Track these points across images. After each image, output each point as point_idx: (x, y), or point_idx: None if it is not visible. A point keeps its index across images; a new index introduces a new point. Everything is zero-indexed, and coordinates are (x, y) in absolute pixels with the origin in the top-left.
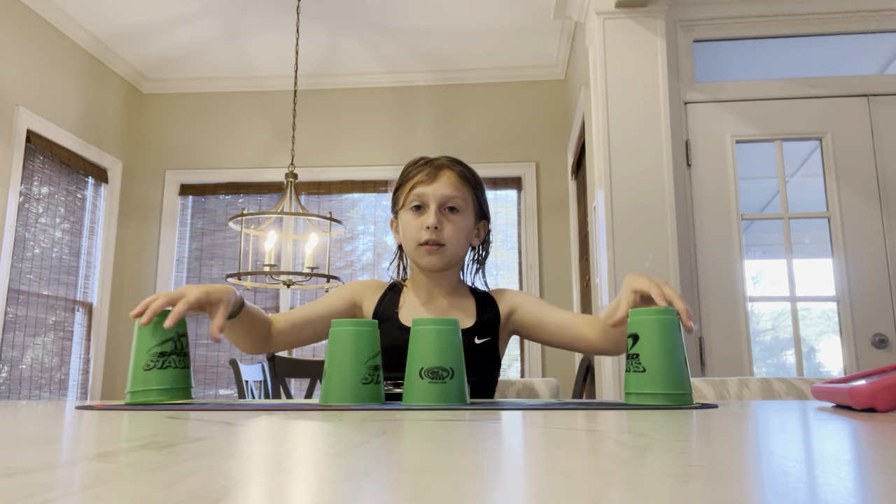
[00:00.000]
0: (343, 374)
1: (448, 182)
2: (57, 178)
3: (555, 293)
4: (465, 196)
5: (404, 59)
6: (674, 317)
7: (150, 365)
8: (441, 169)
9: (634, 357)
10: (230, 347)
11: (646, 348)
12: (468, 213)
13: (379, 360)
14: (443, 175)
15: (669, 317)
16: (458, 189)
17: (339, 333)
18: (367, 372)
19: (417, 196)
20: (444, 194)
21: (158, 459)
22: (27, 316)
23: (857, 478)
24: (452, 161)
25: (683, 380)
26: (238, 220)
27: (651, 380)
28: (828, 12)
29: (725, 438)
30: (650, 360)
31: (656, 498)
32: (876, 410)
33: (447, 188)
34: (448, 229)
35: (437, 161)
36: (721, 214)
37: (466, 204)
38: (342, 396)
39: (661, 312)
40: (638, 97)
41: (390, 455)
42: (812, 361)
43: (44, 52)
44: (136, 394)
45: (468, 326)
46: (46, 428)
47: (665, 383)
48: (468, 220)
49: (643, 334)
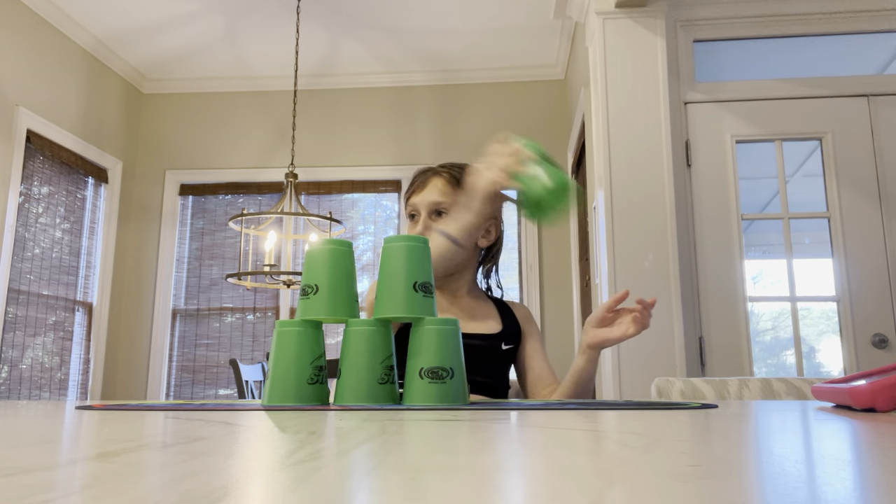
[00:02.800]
0: (358, 373)
1: (435, 188)
2: (57, 178)
3: (555, 293)
4: (455, 199)
5: (404, 59)
6: None
7: (314, 379)
8: (431, 176)
9: None
10: (230, 347)
11: None
12: None
13: (393, 360)
14: (430, 182)
15: None
16: (446, 194)
17: (354, 333)
18: (382, 372)
19: (412, 206)
20: (432, 201)
21: (158, 459)
22: (27, 316)
23: (857, 478)
24: (446, 166)
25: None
26: (238, 220)
27: None
28: (828, 12)
29: (725, 438)
30: None
31: (656, 498)
32: (876, 410)
33: (434, 194)
34: None
35: (434, 168)
36: (721, 214)
37: None
38: (357, 396)
39: None
40: (638, 97)
41: (390, 455)
42: (812, 361)
43: (44, 52)
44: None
45: (496, 332)
46: (46, 428)
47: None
48: None
49: None
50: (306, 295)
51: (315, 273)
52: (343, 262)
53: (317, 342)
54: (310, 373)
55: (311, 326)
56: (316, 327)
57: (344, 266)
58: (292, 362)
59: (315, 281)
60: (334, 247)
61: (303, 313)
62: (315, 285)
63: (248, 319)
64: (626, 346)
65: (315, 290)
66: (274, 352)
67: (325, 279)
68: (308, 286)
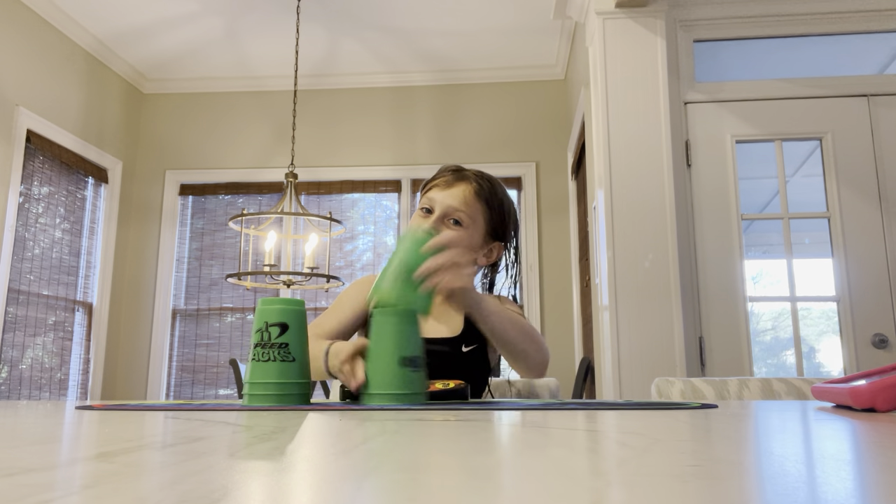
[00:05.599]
0: (388, 359)
1: (460, 194)
2: (57, 178)
3: (555, 293)
4: (474, 213)
5: (404, 59)
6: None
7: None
8: (461, 180)
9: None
10: (230, 347)
11: None
12: (473, 231)
13: (421, 349)
14: (459, 186)
15: None
16: (467, 204)
17: (382, 322)
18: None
19: (429, 199)
20: (450, 205)
21: (158, 459)
22: (27, 316)
23: (857, 478)
24: (479, 175)
25: None
26: (238, 220)
27: None
28: (828, 12)
29: (725, 438)
30: None
31: (656, 498)
32: (876, 410)
33: (455, 200)
34: None
35: (465, 172)
36: (721, 214)
37: (472, 221)
38: (384, 383)
39: None
40: (638, 97)
41: (390, 455)
42: (812, 361)
43: (44, 52)
44: (400, 396)
45: (456, 335)
46: (46, 428)
47: None
48: (471, 237)
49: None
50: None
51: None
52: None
53: (414, 329)
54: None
55: (408, 314)
56: (413, 314)
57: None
58: (391, 349)
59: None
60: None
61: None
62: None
63: (248, 319)
64: (625, 347)
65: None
66: (372, 339)
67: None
68: (420, 358)
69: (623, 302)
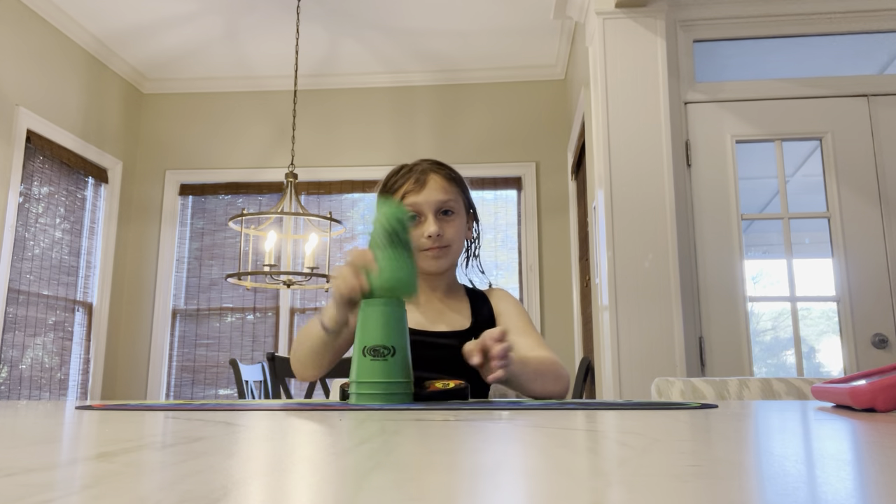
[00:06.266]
0: (356, 349)
1: (437, 187)
2: (57, 178)
3: (555, 293)
4: (456, 197)
5: (404, 60)
6: None
7: None
8: (427, 174)
9: None
10: (230, 347)
11: None
12: (461, 213)
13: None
14: (430, 181)
15: None
16: (448, 191)
17: (370, 313)
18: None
19: (410, 206)
20: (438, 200)
21: (158, 459)
22: (27, 316)
23: (857, 478)
24: (435, 164)
25: None
26: (238, 220)
27: None
28: (828, 12)
29: (725, 438)
30: None
31: (656, 498)
32: (876, 410)
33: (438, 193)
34: (449, 232)
35: (419, 167)
36: (721, 214)
37: (458, 204)
38: (353, 373)
39: None
40: (638, 97)
41: (390, 455)
42: (812, 361)
43: (44, 52)
44: (368, 385)
45: (465, 328)
46: (46, 428)
47: None
48: (463, 219)
49: None
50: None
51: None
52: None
53: (402, 319)
54: None
55: (396, 304)
56: (401, 304)
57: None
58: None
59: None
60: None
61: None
62: (392, 347)
63: (248, 319)
64: (625, 347)
65: (392, 352)
66: (359, 330)
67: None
68: (384, 348)
69: (623, 302)
